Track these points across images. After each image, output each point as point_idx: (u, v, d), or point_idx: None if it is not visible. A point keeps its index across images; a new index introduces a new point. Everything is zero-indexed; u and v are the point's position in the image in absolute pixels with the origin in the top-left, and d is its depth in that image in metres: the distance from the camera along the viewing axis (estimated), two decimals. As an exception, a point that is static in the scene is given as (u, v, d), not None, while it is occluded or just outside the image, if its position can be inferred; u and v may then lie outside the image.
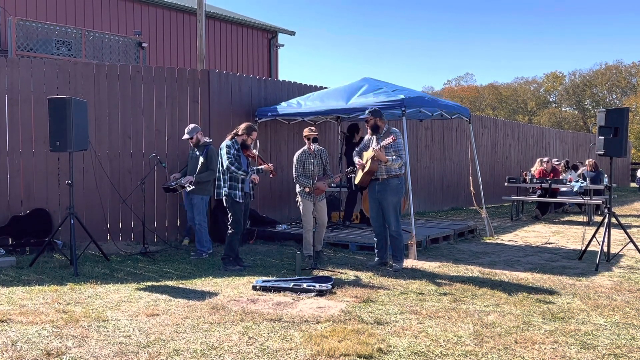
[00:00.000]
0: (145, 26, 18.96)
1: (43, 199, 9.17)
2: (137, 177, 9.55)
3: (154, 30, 19.33)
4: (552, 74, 65.94)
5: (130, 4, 18.67)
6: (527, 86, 67.35)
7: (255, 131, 8.06)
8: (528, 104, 65.13)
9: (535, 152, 20.98)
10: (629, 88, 60.72)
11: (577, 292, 6.76)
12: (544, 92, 67.12)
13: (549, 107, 64.99)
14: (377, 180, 7.95)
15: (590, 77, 62.37)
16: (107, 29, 17.55)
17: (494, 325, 5.44)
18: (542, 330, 5.33)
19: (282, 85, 11.37)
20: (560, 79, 65.51)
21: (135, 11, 18.86)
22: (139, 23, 18.81)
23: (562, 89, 65.02)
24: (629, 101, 55.11)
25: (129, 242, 9.58)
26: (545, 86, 66.64)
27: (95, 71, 9.41)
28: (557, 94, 66.00)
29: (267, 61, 23.37)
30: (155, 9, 19.45)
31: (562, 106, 65.36)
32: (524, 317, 5.74)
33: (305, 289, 6.66)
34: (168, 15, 19.81)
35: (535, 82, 67.45)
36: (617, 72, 61.90)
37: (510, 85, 67.90)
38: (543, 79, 66.55)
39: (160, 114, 9.73)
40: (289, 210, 11.33)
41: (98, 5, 17.90)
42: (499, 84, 67.78)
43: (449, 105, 10.53)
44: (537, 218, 13.94)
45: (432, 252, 9.33)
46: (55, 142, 7.70)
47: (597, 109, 47.79)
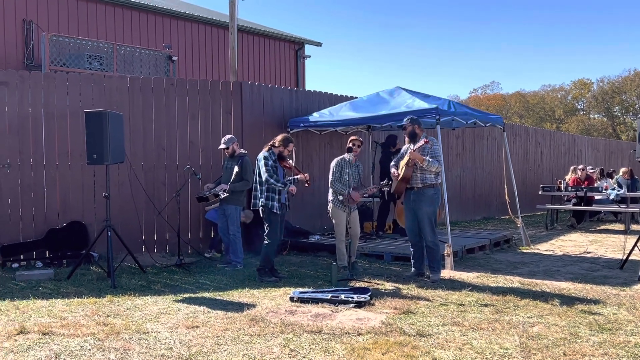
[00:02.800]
0: (175, 39, 19.13)
1: (79, 212, 9.25)
2: (172, 189, 9.59)
3: (183, 44, 19.49)
4: (579, 81, 65.07)
5: (160, 18, 18.86)
6: (554, 94, 66.52)
7: (291, 143, 8.06)
8: (556, 112, 64.35)
9: (567, 160, 20.68)
10: (659, 94, 59.69)
11: (622, 303, 6.60)
12: (571, 100, 66.24)
13: (577, 114, 64.13)
14: (413, 189, 7.87)
15: (619, 84, 61.39)
16: (137, 43, 17.74)
17: (540, 337, 5.32)
18: (591, 342, 5.19)
19: (312, 95, 11.37)
20: (588, 85, 64.61)
21: (165, 25, 19.04)
22: (168, 37, 18.99)
23: (590, 96, 64.12)
24: (659, 107, 54.19)
25: (163, 254, 9.61)
26: (572, 93, 65.77)
27: (130, 85, 9.49)
28: (585, 101, 65.08)
29: (294, 72, 23.42)
30: (184, 23, 19.61)
31: (591, 113, 64.44)
32: (570, 328, 5.61)
33: (344, 300, 6.59)
34: (197, 29, 19.98)
35: (563, 89, 66.58)
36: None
37: (537, 93, 67.12)
38: (570, 86, 65.67)
39: (194, 126, 9.78)
40: (321, 221, 11.28)
41: (128, 20, 18.11)
42: (526, 91, 67.08)
43: (482, 113, 10.42)
44: (573, 227, 13.70)
45: (469, 262, 9.20)
46: (92, 155, 7.75)
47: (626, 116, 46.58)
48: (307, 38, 23.82)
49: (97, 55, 15.60)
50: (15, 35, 15.87)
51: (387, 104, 9.73)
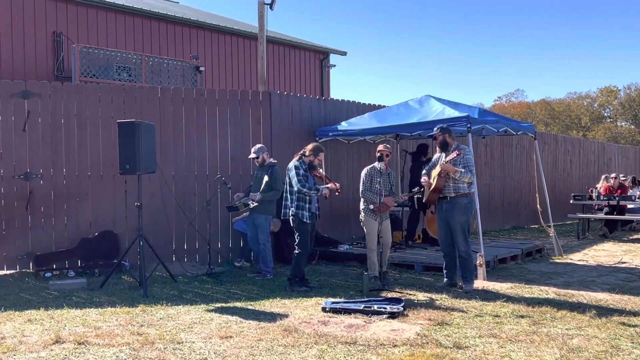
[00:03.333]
0: (202, 50, 19.28)
1: (110, 221, 9.31)
2: (202, 198, 9.61)
3: (210, 54, 19.64)
4: (606, 89, 64.26)
5: (187, 29, 19.03)
6: (580, 101, 65.73)
7: (322, 152, 8.04)
8: (582, 120, 63.58)
9: (596, 168, 20.39)
10: (689, 100, 58.76)
11: (664, 315, 6.45)
12: (598, 107, 65.39)
13: (603, 122, 63.30)
14: (445, 198, 7.79)
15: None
16: (165, 54, 17.91)
17: (581, 349, 5.21)
18: (633, 355, 5.07)
19: (341, 104, 11.35)
20: (615, 93, 63.76)
21: (192, 36, 19.21)
22: (195, 47, 19.14)
23: (617, 103, 63.27)
24: (690, 114, 53.28)
25: (193, 263, 9.63)
26: (599, 101, 64.94)
27: (161, 95, 9.56)
28: (612, 109, 64.22)
29: (319, 82, 23.46)
30: (210, 34, 19.77)
31: (618, 121, 63.56)
32: (611, 340, 5.49)
33: (377, 311, 6.53)
34: (223, 40, 20.11)
35: (589, 96, 65.74)
36: (675, 83, 59.96)
37: (562, 101, 66.37)
38: (597, 93, 64.86)
39: (223, 136, 9.81)
40: (349, 230, 11.23)
41: (156, 31, 18.30)
42: (551, 99, 66.40)
43: (514, 121, 10.32)
44: (605, 236, 13.47)
45: (501, 272, 9.08)
46: (124, 165, 7.81)
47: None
48: (332, 47, 23.88)
49: (125, 67, 15.78)
50: (46, 47, 16.12)
51: (416, 113, 9.68)
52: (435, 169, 7.82)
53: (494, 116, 9.99)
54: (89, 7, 16.84)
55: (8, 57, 15.37)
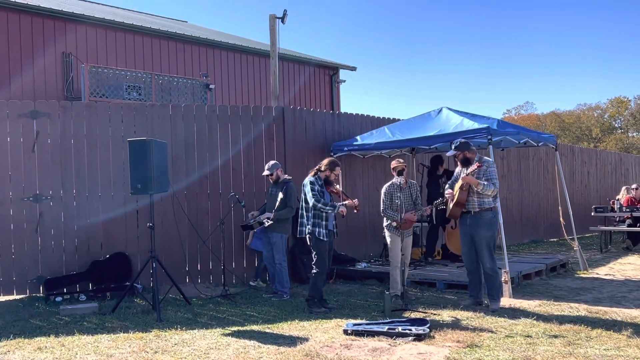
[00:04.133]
0: (211, 67, 19.14)
1: (122, 243, 9.07)
2: (215, 217, 9.36)
3: (219, 71, 19.49)
4: (616, 99, 63.82)
5: (196, 47, 18.89)
6: (590, 112, 65.29)
7: (338, 166, 7.77)
8: (592, 131, 63.08)
9: (614, 179, 20.01)
10: (700, 108, 58.23)
11: None
12: (608, 118, 64.91)
13: (614, 133, 62.80)
14: (469, 213, 7.50)
15: (658, 100, 60.13)
16: (175, 72, 17.76)
17: (623, 372, 4.89)
18: (681, 377, 4.74)
19: (354, 118, 11.10)
20: (625, 103, 63.32)
21: (201, 53, 19.07)
22: (205, 65, 19.00)
23: (627, 113, 62.81)
24: (703, 123, 52.75)
25: (207, 284, 9.36)
26: (609, 112, 64.49)
27: (172, 112, 9.35)
28: (623, 119, 63.74)
29: (329, 97, 23.25)
30: (220, 52, 19.63)
31: (629, 131, 63.05)
32: (654, 362, 5.16)
33: (402, 333, 6.22)
34: (232, 57, 19.96)
35: (599, 108, 65.32)
36: (686, 93, 59.47)
37: (572, 112, 65.95)
38: (607, 104, 64.44)
39: (236, 153, 9.58)
40: (366, 247, 10.93)
41: (165, 50, 18.16)
42: (561, 111, 66.01)
43: (534, 132, 10.04)
44: (629, 249, 13.09)
45: (527, 289, 8.74)
46: (136, 184, 7.58)
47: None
48: (342, 63, 23.69)
49: (135, 86, 15.64)
50: (55, 68, 15.98)
51: (434, 125, 9.41)
52: (458, 183, 7.54)
53: (513, 127, 9.71)
54: (98, 27, 16.73)
55: (17, 78, 15.23)
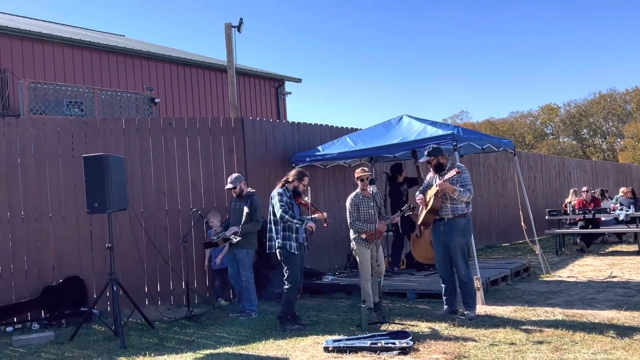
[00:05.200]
0: (155, 81, 18.60)
1: (76, 266, 8.54)
2: (174, 235, 8.95)
3: (162, 85, 18.96)
4: (547, 106, 65.92)
5: (138, 61, 18.34)
6: (523, 120, 67.22)
7: (306, 176, 7.52)
8: (526, 137, 64.93)
9: (558, 183, 20.48)
10: (624, 115, 60.71)
11: (685, 330, 6.14)
12: (540, 125, 66.96)
13: (546, 138, 64.83)
14: (442, 220, 7.37)
15: (585, 107, 62.38)
16: (118, 87, 17.15)
17: (620, 376, 4.80)
18: (678, 378, 4.69)
19: (314, 128, 10.88)
20: (556, 110, 65.46)
21: (143, 67, 18.52)
22: (148, 78, 18.45)
23: (558, 120, 64.94)
24: (629, 128, 55.05)
25: (168, 306, 8.91)
26: (541, 118, 66.55)
27: (125, 126, 8.90)
28: (554, 126, 65.88)
29: (275, 109, 23.01)
30: (163, 65, 19.13)
31: (560, 137, 65.20)
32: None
33: (385, 347, 6.00)
34: (176, 70, 19.49)
35: (531, 115, 67.32)
36: (611, 100, 61.96)
37: (506, 120, 67.75)
38: (538, 111, 66.49)
39: (195, 167, 9.19)
40: (329, 260, 10.70)
41: (106, 63, 17.53)
42: (495, 119, 67.70)
43: (495, 138, 10.09)
44: (583, 251, 13.32)
45: (496, 295, 8.69)
46: (92, 203, 7.13)
47: (594, 138, 47.22)
48: (287, 75, 23.51)
49: (77, 101, 15.00)
50: (-11, 84, 15.17)
51: (396, 133, 9.30)
52: (430, 189, 7.40)
53: (475, 134, 9.72)
54: (35, 42, 15.99)
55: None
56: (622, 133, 59.35)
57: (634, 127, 54.06)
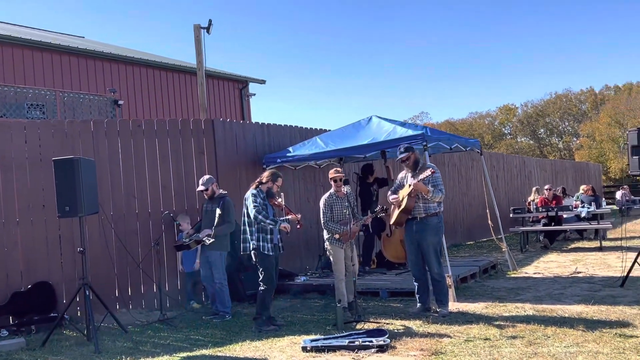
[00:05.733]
0: (117, 83, 18.35)
1: (45, 271, 8.38)
2: (145, 238, 8.87)
3: (125, 87, 18.73)
4: (504, 107, 67.05)
5: (99, 62, 18.08)
6: (481, 120, 68.25)
7: (280, 177, 7.54)
8: (484, 137, 65.97)
9: (519, 182, 20.89)
10: (580, 115, 62.20)
11: (651, 322, 6.35)
12: (498, 125, 68.08)
13: (504, 138, 65.96)
14: (415, 219, 7.47)
15: (542, 107, 63.69)
16: (79, 89, 16.87)
17: (593, 367, 4.96)
18: (649, 368, 4.86)
19: (284, 130, 10.89)
20: (513, 110, 66.63)
21: (105, 69, 18.26)
22: (109, 80, 18.19)
23: (516, 120, 66.11)
24: (585, 128, 56.42)
25: (140, 310, 8.81)
26: (499, 119, 67.66)
27: (94, 129, 8.78)
28: (512, 126, 67.02)
29: (239, 111, 22.96)
30: (125, 66, 18.90)
31: (518, 137, 66.38)
32: (617, 355, 5.28)
33: (363, 345, 6.07)
34: (139, 72, 19.28)
35: (490, 115, 68.41)
36: (567, 100, 63.41)
37: (465, 121, 68.69)
38: (497, 111, 67.61)
39: (165, 169, 9.11)
40: (301, 261, 10.72)
41: (67, 66, 17.24)
42: (455, 120, 68.63)
43: (462, 137, 10.26)
44: (546, 247, 13.62)
45: (466, 291, 8.83)
46: (63, 207, 7.04)
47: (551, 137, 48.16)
48: (251, 76, 23.45)
49: (38, 104, 14.72)
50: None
51: (367, 134, 9.37)
52: (403, 189, 7.49)
53: (444, 134, 9.87)
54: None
55: None
56: (578, 132, 60.84)
57: (589, 127, 55.37)
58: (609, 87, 62.52)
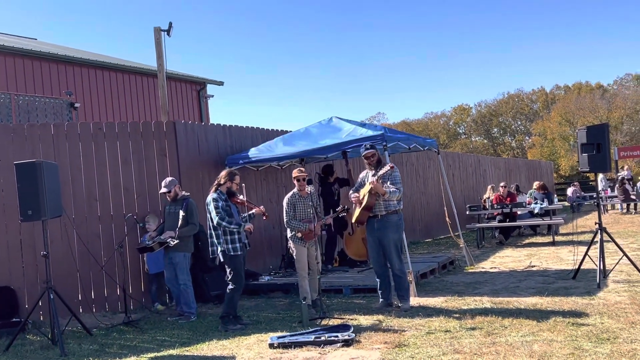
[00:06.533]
0: (72, 85, 18.09)
1: (5, 276, 8.31)
2: (108, 241, 8.86)
3: (81, 90, 18.47)
4: (459, 107, 68.13)
5: (54, 65, 17.79)
6: (437, 120, 69.22)
7: (237, 175, 7.64)
8: (440, 137, 66.95)
9: (474, 180, 21.37)
10: (532, 114, 63.65)
11: (601, 311, 6.68)
12: (453, 125, 69.13)
13: (459, 138, 67.03)
14: (376, 217, 7.67)
15: (495, 107, 64.95)
16: (33, 92, 16.59)
17: (547, 355, 5.22)
18: (599, 354, 5.15)
19: (245, 131, 10.98)
20: (467, 110, 67.73)
21: (60, 71, 17.98)
22: (65, 83, 17.93)
23: (470, 120, 67.24)
24: (537, 127, 57.81)
25: (104, 313, 8.79)
26: (454, 119, 68.70)
27: (54, 132, 8.73)
28: (466, 125, 68.15)
29: (197, 112, 22.85)
30: (80, 69, 18.64)
31: (472, 136, 67.55)
32: (570, 342, 5.56)
33: (329, 340, 6.23)
34: (94, 74, 19.04)
35: (445, 115, 69.43)
36: (519, 99, 64.81)
37: (421, 121, 69.57)
38: (451, 112, 68.67)
39: (127, 172, 9.11)
40: (264, 261, 10.84)
41: (21, 68, 16.91)
42: (411, 120, 69.44)
43: (420, 137, 10.52)
44: (502, 243, 14.02)
45: (426, 287, 9.08)
46: (26, 211, 7.01)
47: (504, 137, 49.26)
48: (209, 78, 23.39)
49: (-8, 107, 14.45)
50: None
51: (328, 134, 9.55)
52: (364, 188, 7.68)
53: (402, 134, 10.11)
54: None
55: None
56: (530, 131, 62.32)
57: (541, 125, 56.81)
58: (559, 86, 64.18)
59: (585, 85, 60.36)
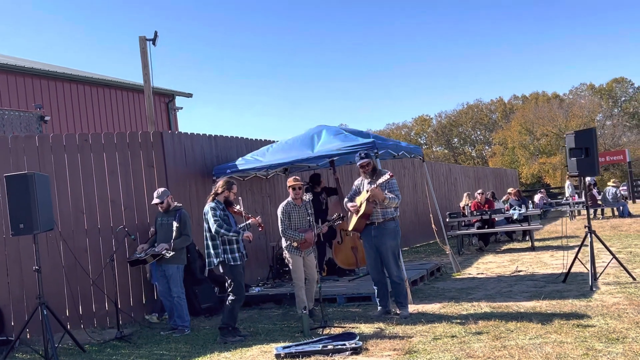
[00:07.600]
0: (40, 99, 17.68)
1: (-10, 293, 8.01)
2: (95, 255, 8.63)
3: (49, 103, 18.06)
4: (420, 118, 68.93)
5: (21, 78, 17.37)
6: (398, 131, 69.80)
7: (234, 184, 7.56)
8: (402, 148, 67.48)
9: (446, 188, 21.56)
10: (491, 124, 64.81)
11: (602, 313, 6.77)
12: (414, 135, 69.86)
13: (421, 148, 67.70)
14: (373, 224, 7.65)
15: (455, 117, 65.95)
16: (0, 105, 16.15)
17: (562, 356, 5.25)
18: (613, 354, 5.21)
19: (230, 141, 10.86)
20: (428, 121, 68.57)
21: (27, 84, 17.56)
22: (32, 96, 17.52)
23: (430, 130, 68.07)
24: (497, 136, 58.85)
25: (93, 329, 8.54)
26: (415, 129, 69.45)
27: (39, 144, 8.48)
28: (427, 136, 68.94)
29: (166, 125, 22.57)
30: (47, 82, 18.23)
31: (433, 146, 68.37)
32: (581, 343, 5.61)
33: (337, 349, 6.16)
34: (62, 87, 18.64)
35: (406, 126, 70.16)
36: (478, 110, 65.94)
37: (383, 132, 70.05)
38: (412, 122, 69.43)
39: (114, 184, 8.89)
40: (251, 272, 10.68)
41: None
42: (373, 131, 69.83)
43: (407, 145, 10.57)
44: (482, 249, 14.15)
45: (419, 294, 9.09)
46: (17, 224, 6.79)
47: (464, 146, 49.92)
48: (177, 90, 23.15)
49: (-41, 120, 13.98)
50: None
51: (318, 143, 9.47)
52: (361, 195, 7.66)
53: (392, 141, 10.15)
54: None
55: None
56: (490, 141, 63.43)
57: (501, 135, 57.87)
58: (517, 97, 65.55)
59: (542, 95, 61.76)
